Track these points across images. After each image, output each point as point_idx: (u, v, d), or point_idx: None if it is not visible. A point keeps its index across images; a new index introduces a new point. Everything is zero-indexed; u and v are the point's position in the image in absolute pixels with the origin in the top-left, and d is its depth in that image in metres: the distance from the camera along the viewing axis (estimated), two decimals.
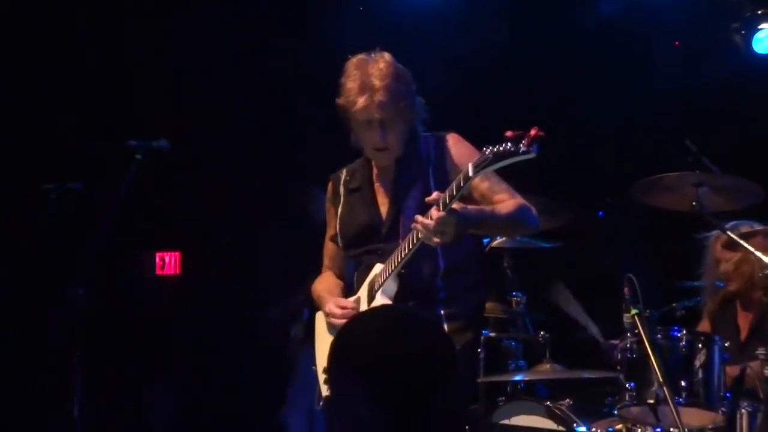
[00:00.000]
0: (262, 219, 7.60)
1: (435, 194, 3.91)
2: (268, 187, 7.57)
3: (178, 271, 8.45)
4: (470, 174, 3.79)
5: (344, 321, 4.08)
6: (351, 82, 4.15)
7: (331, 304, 4.28)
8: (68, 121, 7.54)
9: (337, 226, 4.42)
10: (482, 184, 4.10)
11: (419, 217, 3.90)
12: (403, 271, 4.08)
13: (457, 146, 4.25)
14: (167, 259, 8.57)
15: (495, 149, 3.71)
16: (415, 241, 3.97)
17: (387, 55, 4.20)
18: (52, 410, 6.51)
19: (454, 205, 3.86)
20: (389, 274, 4.09)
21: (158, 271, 8.51)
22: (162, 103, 7.52)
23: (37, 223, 6.88)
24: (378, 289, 4.14)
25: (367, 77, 4.11)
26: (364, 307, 4.23)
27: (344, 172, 4.47)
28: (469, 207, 3.99)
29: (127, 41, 7.58)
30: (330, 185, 4.51)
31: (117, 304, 7.79)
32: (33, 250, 7.38)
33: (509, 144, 3.67)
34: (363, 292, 4.27)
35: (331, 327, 4.29)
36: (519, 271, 6.19)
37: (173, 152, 5.67)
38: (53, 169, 6.61)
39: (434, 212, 3.85)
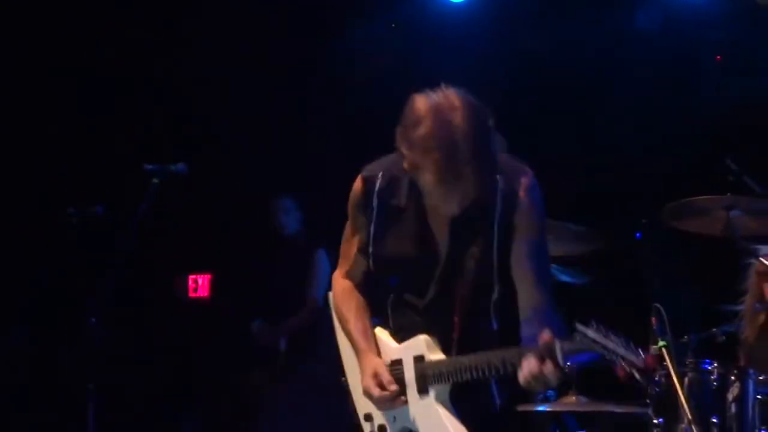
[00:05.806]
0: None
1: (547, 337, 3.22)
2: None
3: (207, 294, 8.40)
4: (559, 363, 3.16)
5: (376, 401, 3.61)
6: (424, 128, 3.34)
7: (369, 378, 3.60)
8: (88, 145, 7.51)
9: (371, 245, 3.64)
10: (530, 232, 3.50)
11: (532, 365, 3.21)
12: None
13: (529, 205, 3.53)
14: (200, 282, 8.51)
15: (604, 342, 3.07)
16: (492, 372, 3.37)
17: (464, 98, 3.40)
18: None
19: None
20: (447, 380, 3.48)
21: (191, 294, 8.46)
22: (186, 124, 7.50)
23: (60, 248, 6.85)
24: (431, 384, 3.52)
25: (448, 131, 3.32)
26: (412, 389, 3.56)
27: (380, 176, 3.61)
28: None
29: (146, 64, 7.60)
30: (360, 184, 3.65)
31: (149, 328, 7.75)
32: (56, 275, 7.36)
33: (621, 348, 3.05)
34: (408, 370, 3.59)
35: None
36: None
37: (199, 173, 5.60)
38: (74, 194, 6.58)
39: (550, 366, 3.17)
